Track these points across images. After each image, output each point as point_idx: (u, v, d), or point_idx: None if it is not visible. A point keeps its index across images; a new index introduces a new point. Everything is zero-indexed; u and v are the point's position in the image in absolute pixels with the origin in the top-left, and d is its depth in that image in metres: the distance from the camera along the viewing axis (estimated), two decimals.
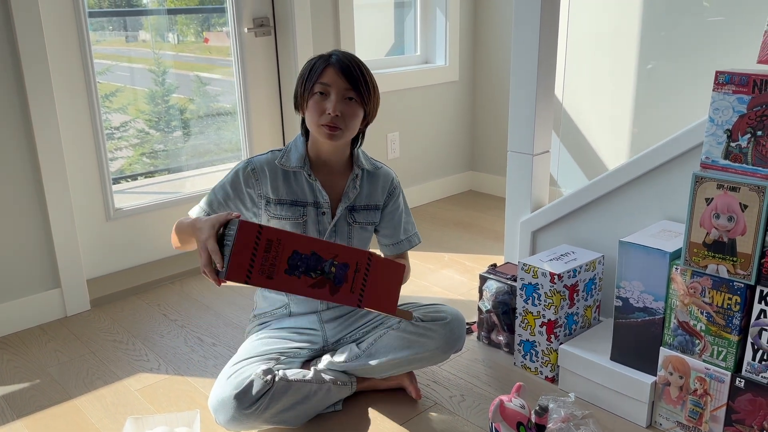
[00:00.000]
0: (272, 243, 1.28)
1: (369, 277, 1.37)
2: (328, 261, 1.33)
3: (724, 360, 1.44)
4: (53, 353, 2.03)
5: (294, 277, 1.30)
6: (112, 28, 2.47)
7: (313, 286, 1.31)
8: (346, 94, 1.56)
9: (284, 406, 1.54)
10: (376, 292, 1.38)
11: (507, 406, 1.51)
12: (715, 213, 1.38)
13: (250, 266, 1.27)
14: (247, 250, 1.27)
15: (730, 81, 1.33)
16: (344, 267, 1.35)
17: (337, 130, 1.56)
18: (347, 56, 1.58)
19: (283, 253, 1.29)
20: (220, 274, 1.31)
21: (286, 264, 1.29)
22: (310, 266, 1.31)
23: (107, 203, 2.38)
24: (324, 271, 1.33)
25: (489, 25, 3.38)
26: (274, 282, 1.28)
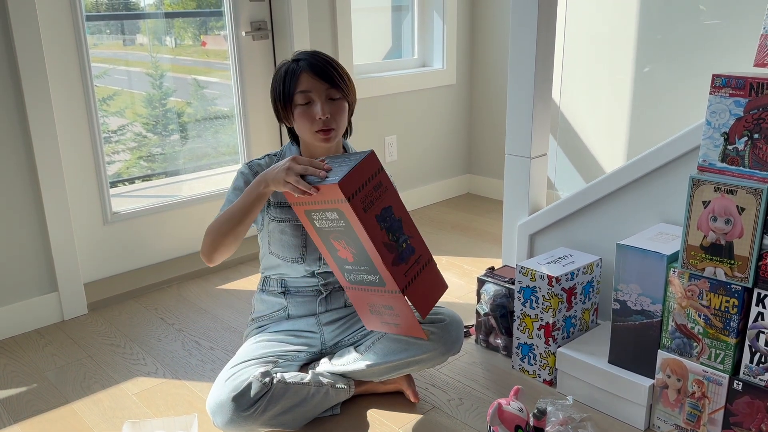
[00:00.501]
0: (380, 186, 1.38)
1: (421, 274, 1.45)
2: (405, 235, 1.42)
3: (721, 363, 1.45)
4: (50, 357, 2.02)
5: (379, 225, 1.36)
6: (110, 32, 2.47)
7: (386, 245, 1.38)
8: (328, 94, 1.56)
9: (282, 409, 1.54)
10: (420, 291, 1.44)
11: (505, 409, 1.51)
12: (713, 216, 1.38)
13: (358, 189, 1.33)
14: (363, 175, 1.34)
15: (726, 84, 1.33)
16: (411, 250, 1.43)
17: (331, 131, 1.57)
18: (314, 56, 1.58)
19: (383, 201, 1.38)
20: (325, 180, 1.34)
21: (379, 211, 1.37)
22: (392, 228, 1.40)
23: (104, 207, 2.38)
24: (398, 241, 1.40)
25: (486, 29, 3.38)
26: (365, 216, 1.33)
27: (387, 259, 1.37)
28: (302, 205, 1.42)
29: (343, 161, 1.40)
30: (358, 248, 1.40)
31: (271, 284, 1.76)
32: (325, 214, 1.39)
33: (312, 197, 1.37)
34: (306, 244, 1.66)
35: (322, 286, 1.73)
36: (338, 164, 1.39)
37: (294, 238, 1.65)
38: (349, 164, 1.35)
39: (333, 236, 1.43)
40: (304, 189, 1.37)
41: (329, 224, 1.40)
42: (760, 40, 1.33)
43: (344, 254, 1.45)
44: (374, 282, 1.44)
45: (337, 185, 1.30)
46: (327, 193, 1.34)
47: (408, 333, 1.55)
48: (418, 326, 1.50)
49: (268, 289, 1.76)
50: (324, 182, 1.34)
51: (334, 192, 1.31)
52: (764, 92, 1.29)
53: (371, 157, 1.37)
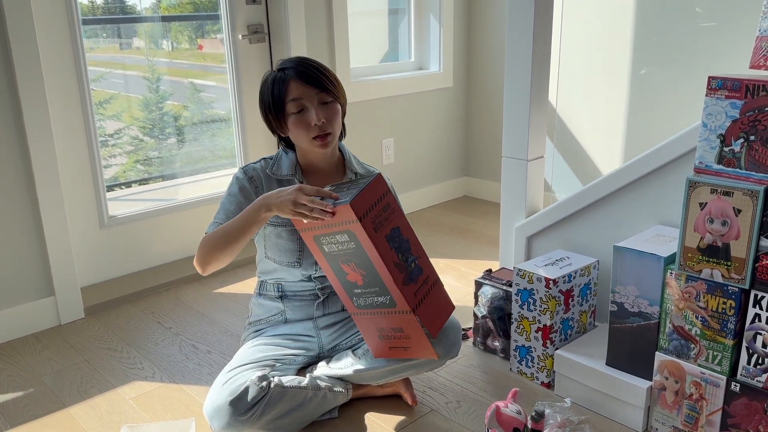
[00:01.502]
0: (389, 207, 1.40)
1: (430, 294, 1.47)
2: (413, 256, 1.44)
3: (719, 364, 1.45)
4: (47, 362, 2.02)
5: (389, 245, 1.38)
6: (106, 36, 2.47)
7: (396, 264, 1.39)
8: (320, 99, 1.56)
9: (280, 413, 1.54)
10: (429, 311, 1.46)
11: (503, 411, 1.51)
12: (709, 217, 1.38)
13: (369, 209, 1.35)
14: (373, 197, 1.37)
15: (722, 86, 1.34)
16: (420, 270, 1.45)
17: (328, 136, 1.57)
18: (300, 62, 1.57)
19: (391, 221, 1.40)
20: (336, 202, 1.36)
21: (388, 231, 1.39)
22: (401, 248, 1.42)
23: (101, 211, 2.37)
24: (407, 261, 1.42)
25: (483, 32, 3.39)
26: (376, 236, 1.35)
27: (398, 279, 1.38)
28: (311, 230, 1.42)
29: (351, 186, 1.42)
30: (368, 269, 1.40)
31: (268, 288, 1.75)
32: (335, 237, 1.39)
33: (322, 221, 1.37)
34: (302, 248, 1.65)
35: (319, 290, 1.73)
36: (346, 189, 1.41)
37: (290, 243, 1.65)
38: (358, 187, 1.38)
39: (342, 259, 1.42)
40: (321, 210, 1.35)
41: (339, 247, 1.40)
42: (755, 42, 1.34)
43: (354, 277, 1.44)
44: (384, 303, 1.44)
45: (349, 205, 1.31)
46: (338, 215, 1.34)
47: (418, 355, 1.54)
48: (429, 346, 1.50)
49: (265, 294, 1.76)
50: (335, 204, 1.35)
51: (346, 213, 1.32)
52: (760, 94, 1.29)
53: (379, 179, 1.40)
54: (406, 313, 1.42)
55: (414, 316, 1.42)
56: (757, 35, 1.34)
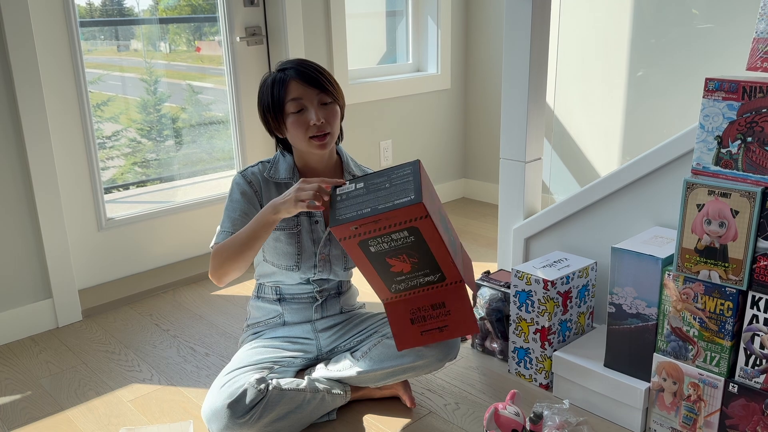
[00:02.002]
0: (430, 188, 1.37)
1: (463, 258, 1.52)
2: (450, 227, 1.45)
3: (717, 365, 1.45)
4: (45, 364, 2.01)
5: (443, 228, 1.38)
6: (104, 38, 2.46)
7: (448, 242, 1.39)
8: (320, 99, 1.56)
9: (278, 416, 1.54)
10: (468, 274, 1.52)
11: (502, 413, 1.51)
12: (707, 219, 1.38)
13: (428, 204, 1.32)
14: (426, 187, 1.34)
15: (719, 88, 1.34)
16: (454, 238, 1.47)
17: (326, 136, 1.57)
18: (300, 63, 1.58)
19: (435, 202, 1.40)
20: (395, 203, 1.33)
21: (439, 215, 1.38)
22: (444, 224, 1.42)
23: (99, 213, 2.37)
24: (450, 235, 1.43)
25: (480, 33, 3.39)
26: (438, 226, 1.33)
27: (451, 256, 1.39)
28: (356, 237, 1.35)
29: (385, 179, 1.38)
30: (423, 255, 1.38)
31: (266, 291, 1.75)
32: (391, 237, 1.35)
33: (377, 224, 1.32)
34: (301, 252, 1.65)
35: (318, 293, 1.72)
36: (378, 184, 1.38)
37: (289, 246, 1.64)
38: (406, 180, 1.34)
39: (391, 254, 1.39)
40: (322, 197, 1.38)
41: (392, 245, 1.36)
42: (752, 44, 1.34)
43: (400, 267, 1.42)
44: (433, 281, 1.43)
45: (422, 204, 1.28)
46: (401, 215, 1.30)
47: (456, 333, 1.50)
48: (472, 315, 1.48)
49: (264, 296, 1.76)
50: (395, 205, 1.30)
51: (414, 211, 1.29)
52: (757, 96, 1.29)
53: (421, 167, 1.38)
54: (456, 283, 1.42)
55: (464, 284, 1.43)
56: (753, 37, 1.34)
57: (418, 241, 1.35)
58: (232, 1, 2.59)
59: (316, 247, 1.66)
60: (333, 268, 1.68)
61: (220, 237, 1.59)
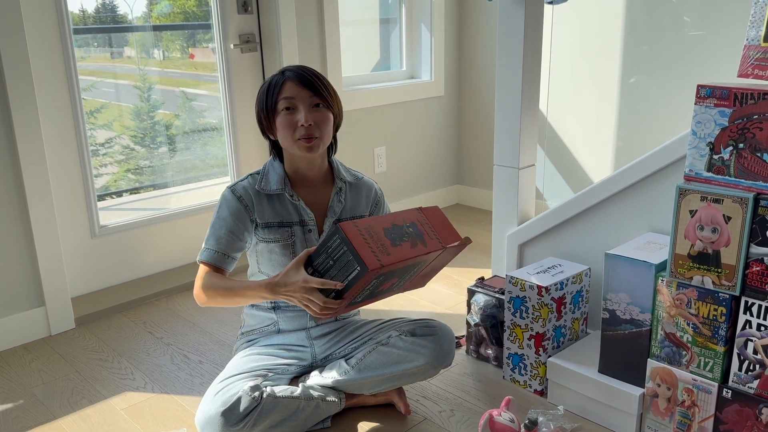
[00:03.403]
0: (368, 229, 1.37)
1: (431, 224, 1.50)
2: (403, 225, 1.44)
3: (710, 371, 1.45)
4: (37, 373, 2.00)
5: (399, 246, 1.38)
6: (97, 45, 2.46)
7: (412, 246, 1.40)
8: (312, 101, 1.56)
9: (272, 423, 1.53)
10: (443, 231, 1.49)
11: (496, 420, 1.51)
12: (700, 225, 1.39)
13: (374, 253, 1.33)
14: (361, 242, 1.33)
15: (711, 94, 1.35)
16: (414, 224, 1.46)
17: (314, 139, 1.56)
18: (300, 67, 1.59)
19: (379, 232, 1.38)
20: (340, 294, 1.36)
21: (387, 239, 1.38)
22: (399, 234, 1.41)
23: (92, 220, 2.36)
24: (408, 234, 1.42)
25: (473, 41, 3.41)
26: (392, 256, 1.35)
27: (422, 250, 1.42)
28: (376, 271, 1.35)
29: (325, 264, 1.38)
30: (404, 273, 1.44)
31: None
32: (366, 288, 1.40)
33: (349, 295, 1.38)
34: None
35: None
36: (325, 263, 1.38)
37: (283, 257, 1.64)
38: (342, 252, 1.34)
39: (373, 292, 1.45)
40: (337, 308, 1.40)
41: (370, 289, 1.42)
42: (743, 51, 1.35)
43: (386, 286, 1.47)
44: (415, 271, 1.49)
45: (370, 271, 1.30)
46: (361, 284, 1.35)
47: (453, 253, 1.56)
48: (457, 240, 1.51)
49: (258, 304, 1.75)
50: (350, 281, 1.34)
51: (370, 275, 1.33)
52: (748, 102, 1.30)
53: (345, 229, 1.34)
54: (442, 250, 1.47)
55: (444, 248, 1.47)
56: (744, 44, 1.35)
57: (390, 275, 1.39)
58: (226, 8, 2.59)
59: None
60: None
61: (204, 255, 1.60)
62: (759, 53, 1.33)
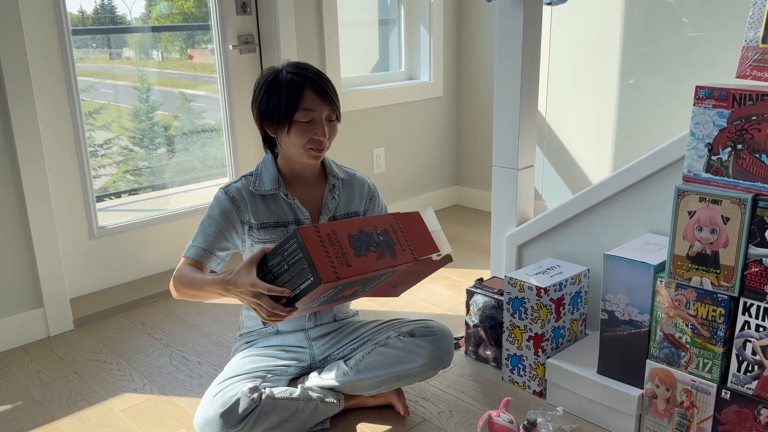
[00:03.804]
0: (331, 235, 1.30)
1: (406, 233, 1.42)
2: (373, 233, 1.37)
3: (709, 372, 1.45)
4: (36, 374, 2.00)
5: (363, 256, 1.32)
6: (96, 46, 2.46)
7: (378, 258, 1.34)
8: (328, 116, 1.58)
9: (271, 425, 1.53)
10: (418, 241, 1.42)
11: (495, 421, 1.51)
12: (698, 226, 1.39)
13: (331, 262, 1.26)
14: (319, 249, 1.26)
15: (710, 96, 1.35)
16: (386, 232, 1.39)
17: (323, 150, 1.58)
18: (316, 73, 1.58)
19: (343, 240, 1.31)
20: (292, 301, 1.30)
21: (351, 248, 1.31)
22: (366, 242, 1.34)
23: (91, 221, 2.36)
24: (377, 242, 1.35)
25: (472, 42, 3.41)
26: (353, 268, 1.28)
27: (389, 262, 1.36)
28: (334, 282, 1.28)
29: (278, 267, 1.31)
30: (368, 282, 1.40)
31: None
32: (333, 291, 1.34)
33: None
34: None
35: None
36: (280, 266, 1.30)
37: None
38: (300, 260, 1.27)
39: (333, 298, 1.41)
40: (285, 314, 1.33)
41: (334, 290, 1.35)
42: (741, 52, 1.35)
43: (347, 293, 1.43)
44: (385, 279, 1.44)
45: (323, 285, 1.23)
46: (315, 293, 1.28)
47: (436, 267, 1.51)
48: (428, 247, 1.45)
49: None
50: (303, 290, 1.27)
51: (323, 287, 1.26)
52: (747, 103, 1.30)
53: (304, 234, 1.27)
54: (413, 262, 1.41)
55: (416, 260, 1.41)
56: (743, 45, 1.35)
57: (350, 284, 1.34)
58: (225, 9, 2.59)
59: None
60: None
61: (190, 251, 1.59)
62: (757, 54, 1.33)
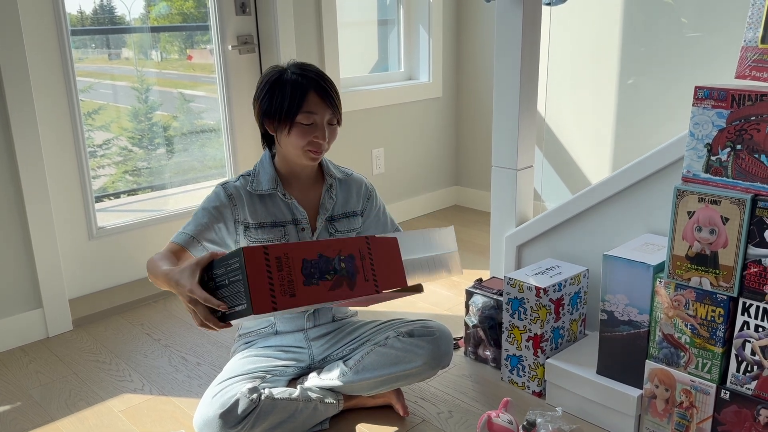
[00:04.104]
0: (281, 259, 1.21)
1: (375, 260, 1.32)
2: (335, 258, 1.28)
3: (708, 372, 1.45)
4: (35, 375, 1.99)
5: (313, 286, 1.24)
6: (95, 46, 2.46)
7: (332, 288, 1.26)
8: (330, 120, 1.57)
9: (270, 425, 1.53)
10: (386, 271, 1.33)
11: (495, 421, 1.51)
12: (697, 226, 1.39)
13: (272, 291, 1.19)
14: (261, 275, 1.18)
15: (709, 96, 1.35)
16: (351, 258, 1.30)
17: (322, 153, 1.59)
18: (319, 75, 1.58)
19: (295, 265, 1.23)
20: (227, 318, 1.24)
21: (302, 275, 1.23)
22: (322, 269, 1.26)
23: (90, 222, 2.36)
24: (336, 270, 1.27)
25: (472, 42, 3.41)
26: (297, 298, 1.21)
27: (345, 293, 1.26)
28: None
29: (220, 278, 1.24)
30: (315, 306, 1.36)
31: None
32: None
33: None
34: None
35: None
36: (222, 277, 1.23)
37: None
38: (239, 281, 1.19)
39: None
40: (216, 328, 1.30)
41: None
42: (740, 52, 1.35)
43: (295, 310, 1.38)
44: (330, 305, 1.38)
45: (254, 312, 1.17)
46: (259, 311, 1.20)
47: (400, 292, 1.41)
48: (407, 286, 1.37)
49: None
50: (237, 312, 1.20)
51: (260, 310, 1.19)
52: (746, 104, 1.31)
53: (248, 255, 1.19)
54: (376, 294, 1.31)
55: (378, 293, 1.31)
56: (742, 45, 1.35)
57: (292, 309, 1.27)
58: (224, 9, 2.59)
59: None
60: None
61: (178, 237, 1.55)
62: (756, 55, 1.33)
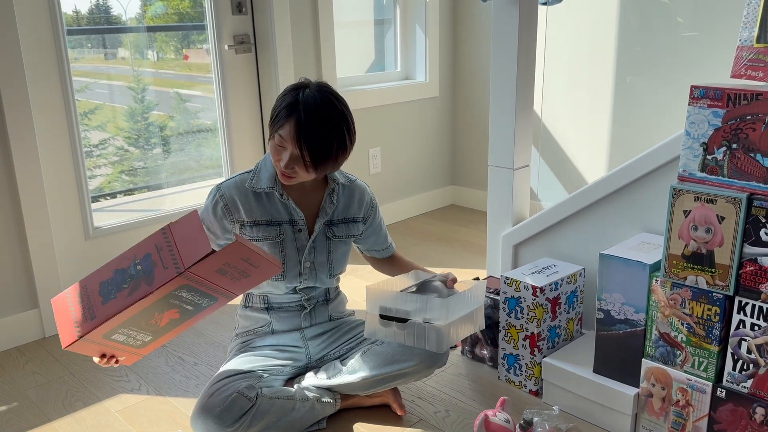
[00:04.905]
0: (82, 292, 1.31)
1: (177, 243, 1.29)
2: (131, 266, 1.30)
3: (705, 370, 1.46)
4: (31, 375, 1.99)
5: (112, 300, 1.27)
6: (91, 46, 2.46)
7: (130, 293, 1.26)
8: (295, 158, 1.51)
9: (267, 424, 1.53)
10: (187, 248, 1.27)
11: (492, 420, 1.51)
12: (693, 225, 1.39)
13: (75, 324, 1.28)
14: (65, 315, 1.30)
15: (705, 95, 1.36)
16: (147, 257, 1.30)
17: (292, 178, 1.56)
18: (319, 115, 1.48)
19: (93, 291, 1.30)
20: None
21: (99, 297, 1.29)
22: (119, 282, 1.29)
23: (86, 222, 2.35)
24: (132, 275, 1.29)
25: (468, 42, 3.41)
26: (98, 318, 1.26)
27: (144, 291, 1.26)
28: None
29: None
30: (139, 322, 1.33)
31: (254, 300, 1.75)
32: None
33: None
34: (285, 261, 1.64)
35: (306, 301, 1.72)
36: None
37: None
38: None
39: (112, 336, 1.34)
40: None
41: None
42: (736, 52, 1.36)
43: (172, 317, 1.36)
44: (162, 314, 1.34)
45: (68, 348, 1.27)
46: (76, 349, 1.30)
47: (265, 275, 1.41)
48: (199, 247, 1.29)
49: (252, 305, 1.75)
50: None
51: (76, 349, 1.30)
52: (741, 103, 1.31)
53: (55, 305, 1.33)
54: (180, 275, 1.26)
55: (185, 270, 1.24)
56: (737, 45, 1.36)
57: (112, 331, 1.31)
58: (221, 9, 2.59)
59: (301, 255, 1.65)
60: (318, 275, 1.68)
61: None
62: (752, 54, 1.33)
